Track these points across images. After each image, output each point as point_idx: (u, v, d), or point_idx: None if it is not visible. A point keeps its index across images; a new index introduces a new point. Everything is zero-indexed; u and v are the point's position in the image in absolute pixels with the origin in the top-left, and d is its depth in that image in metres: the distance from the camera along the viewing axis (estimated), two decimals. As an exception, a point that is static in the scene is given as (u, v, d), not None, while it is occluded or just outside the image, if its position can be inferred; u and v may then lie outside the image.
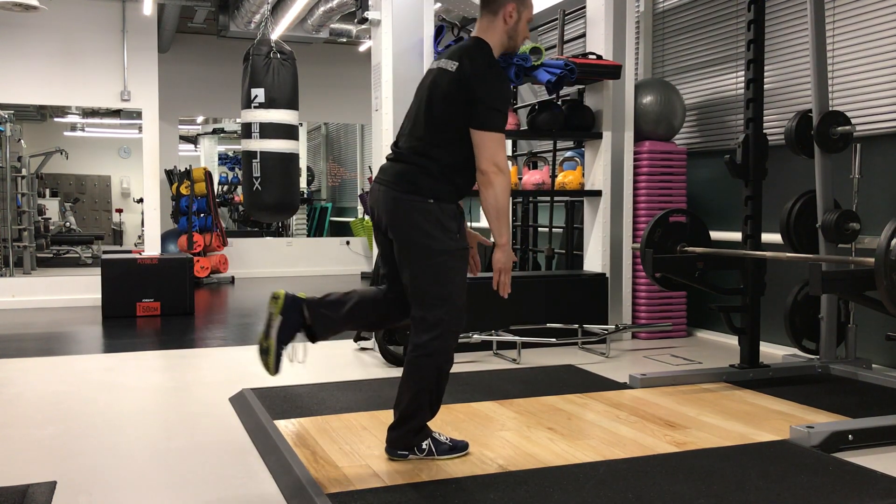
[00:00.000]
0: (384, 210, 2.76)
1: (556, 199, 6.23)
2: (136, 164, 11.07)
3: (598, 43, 5.47)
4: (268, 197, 6.84)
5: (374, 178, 2.91)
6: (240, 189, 13.76)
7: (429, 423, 2.86)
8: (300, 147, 10.61)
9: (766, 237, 4.54)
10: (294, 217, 13.11)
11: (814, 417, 3.45)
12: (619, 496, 2.51)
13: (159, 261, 6.97)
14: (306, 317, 2.76)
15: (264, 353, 2.71)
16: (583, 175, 5.62)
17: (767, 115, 4.78)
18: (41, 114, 13.18)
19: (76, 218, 14.28)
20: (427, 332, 2.71)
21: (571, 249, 6.15)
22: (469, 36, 2.91)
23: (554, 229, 6.46)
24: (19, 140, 10.45)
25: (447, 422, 3.33)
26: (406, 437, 2.83)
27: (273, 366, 2.71)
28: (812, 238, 4.40)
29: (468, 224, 2.99)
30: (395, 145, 2.86)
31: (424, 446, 2.83)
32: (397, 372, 4.47)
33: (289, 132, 6.76)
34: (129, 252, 9.74)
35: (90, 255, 11.81)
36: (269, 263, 10.78)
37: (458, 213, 2.78)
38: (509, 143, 6.75)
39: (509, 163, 5.69)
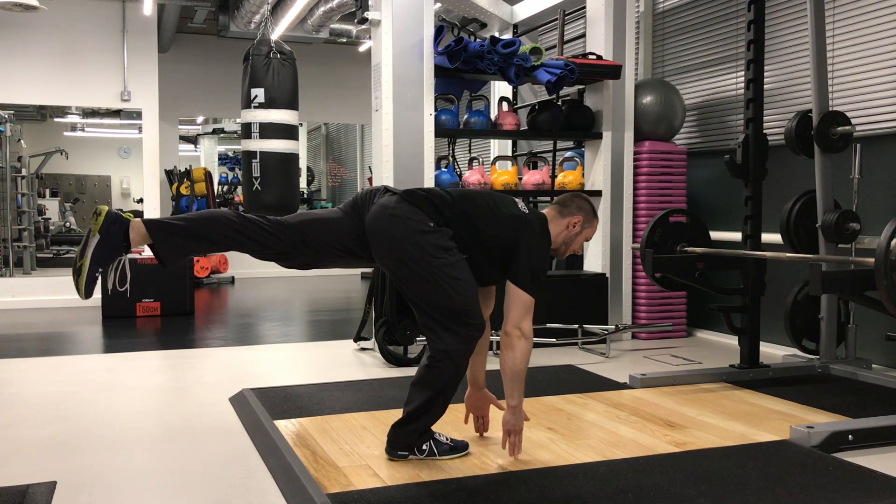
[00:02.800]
0: (376, 216, 2.70)
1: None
2: (136, 164, 11.05)
3: (598, 43, 5.47)
4: (268, 197, 6.83)
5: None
6: (240, 189, 13.75)
7: (429, 424, 2.87)
8: (300, 147, 10.61)
9: (766, 237, 4.54)
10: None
11: (814, 417, 3.45)
12: (619, 496, 2.51)
13: (159, 261, 6.95)
14: (134, 239, 2.60)
15: (77, 273, 2.55)
16: (583, 175, 5.62)
17: (767, 115, 4.78)
18: (41, 114, 13.18)
19: (76, 218, 14.28)
20: (448, 340, 2.69)
21: (571, 249, 6.15)
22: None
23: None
24: (19, 140, 10.45)
25: (447, 422, 3.32)
26: (408, 437, 2.82)
27: (84, 288, 2.54)
28: (812, 238, 4.40)
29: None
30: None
31: (425, 447, 2.83)
32: (397, 372, 4.47)
33: (289, 132, 6.75)
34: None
35: (90, 255, 11.79)
36: (269, 263, 10.70)
37: (452, 237, 2.74)
38: (509, 143, 6.75)
39: (508, 163, 5.70)
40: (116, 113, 12.73)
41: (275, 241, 2.73)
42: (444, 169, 5.29)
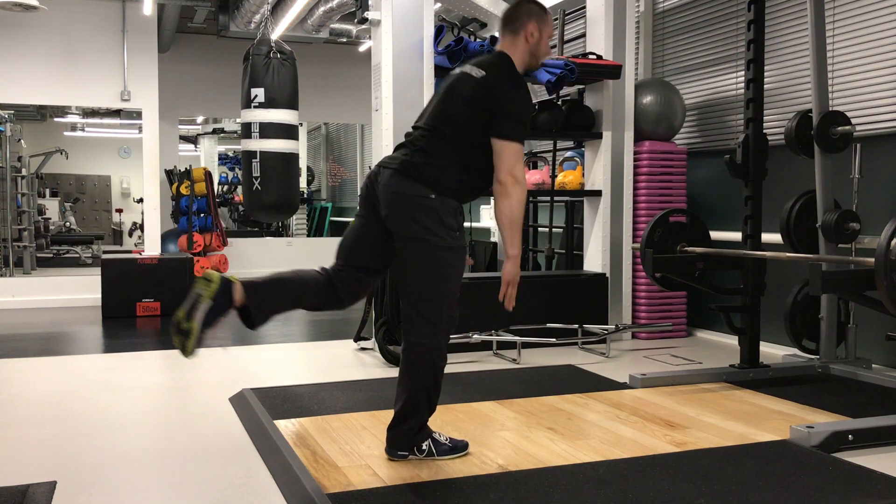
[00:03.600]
0: (385, 198, 2.74)
1: (556, 199, 6.23)
2: (136, 164, 11.07)
3: (598, 43, 5.47)
4: (268, 197, 6.84)
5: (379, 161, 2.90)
6: (240, 189, 13.76)
7: (429, 424, 2.86)
8: (300, 147, 10.61)
9: (766, 237, 4.54)
10: (294, 217, 13.11)
11: (814, 417, 3.45)
12: (619, 496, 2.51)
13: (159, 261, 6.97)
14: (235, 300, 2.66)
15: (184, 334, 2.61)
16: (583, 175, 5.62)
17: (767, 115, 4.78)
18: (41, 114, 13.18)
19: (76, 218, 14.28)
20: (422, 329, 2.71)
21: (571, 249, 6.15)
22: (493, 50, 2.90)
23: (554, 229, 6.46)
24: (19, 140, 10.46)
25: (447, 422, 3.33)
26: (406, 437, 2.83)
27: (192, 349, 2.62)
28: (812, 238, 4.40)
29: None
30: (407, 135, 2.87)
31: (424, 447, 2.83)
32: (397, 372, 4.47)
33: (289, 132, 6.76)
34: (129, 252, 9.75)
35: (90, 255, 11.82)
36: (269, 263, 10.74)
37: (459, 210, 2.77)
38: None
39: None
40: (116, 113, 12.74)
41: (341, 295, 2.83)
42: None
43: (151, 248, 8.03)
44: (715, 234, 4.72)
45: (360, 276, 2.83)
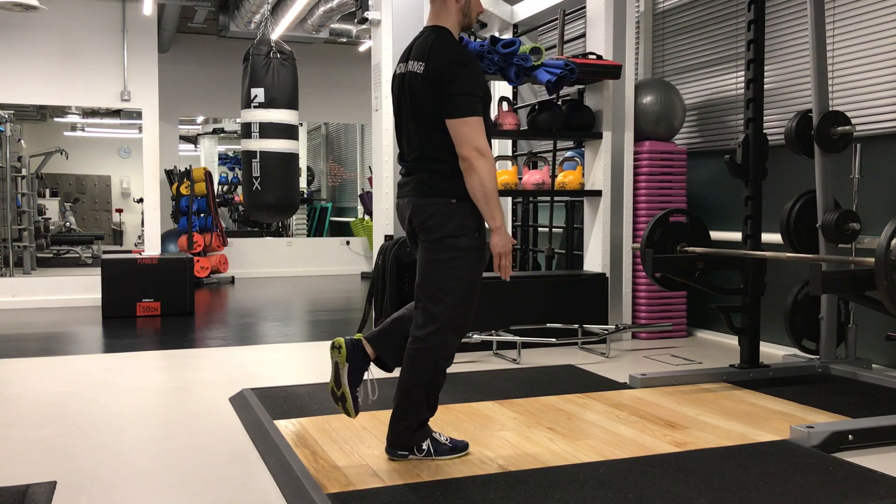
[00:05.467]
0: (412, 216, 2.79)
1: (556, 199, 6.23)
2: (136, 164, 11.08)
3: (598, 43, 5.47)
4: (268, 197, 6.84)
5: (395, 195, 2.94)
6: (240, 189, 13.76)
7: (429, 424, 2.86)
8: (300, 147, 10.61)
9: (766, 237, 4.54)
10: (294, 217, 13.11)
11: (814, 417, 3.45)
12: (619, 496, 2.51)
13: (159, 261, 6.97)
14: (369, 354, 2.83)
15: (341, 400, 2.82)
16: (583, 175, 5.62)
17: (767, 115, 4.78)
18: (41, 114, 13.18)
19: (76, 218, 14.28)
20: (428, 325, 2.72)
21: (571, 249, 6.15)
22: (427, 28, 2.87)
23: (554, 229, 6.46)
24: (19, 140, 10.46)
25: (447, 422, 3.33)
26: (405, 435, 2.83)
27: (353, 410, 2.82)
28: (812, 238, 4.40)
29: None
30: (401, 160, 2.89)
31: (424, 446, 2.83)
32: (397, 372, 4.46)
33: (289, 132, 6.76)
34: (129, 252, 9.74)
35: (90, 255, 11.82)
36: (269, 263, 10.78)
37: (477, 212, 2.76)
38: (509, 143, 6.75)
39: (508, 163, 5.70)
40: (116, 113, 12.74)
41: None
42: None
43: (151, 248, 8.03)
44: (715, 234, 4.72)
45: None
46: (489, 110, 2.85)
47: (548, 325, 5.15)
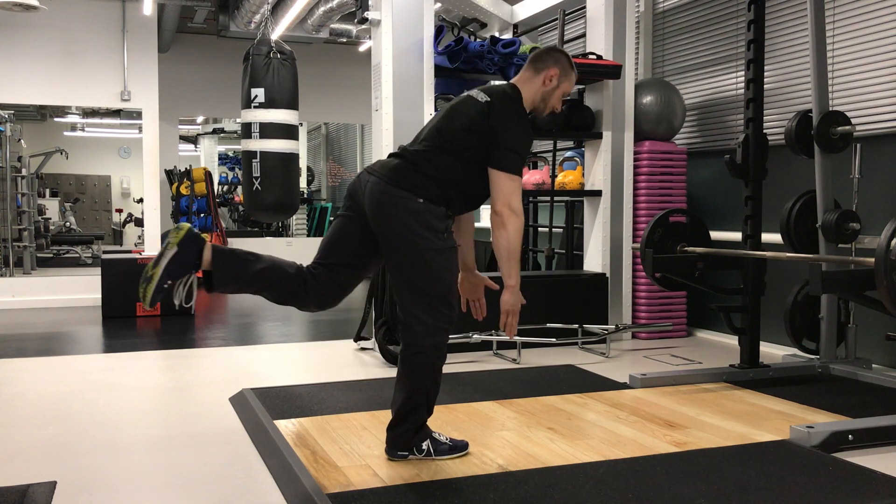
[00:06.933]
0: (369, 200, 2.71)
1: (556, 199, 6.23)
2: (136, 163, 11.06)
3: (598, 43, 5.47)
4: (268, 197, 6.83)
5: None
6: (240, 189, 13.76)
7: (428, 423, 2.86)
8: (300, 147, 10.60)
9: (766, 237, 4.54)
10: (294, 217, 13.10)
11: (814, 417, 3.45)
12: (619, 496, 2.51)
13: (159, 261, 6.95)
14: (204, 259, 2.66)
15: (147, 280, 2.62)
16: (583, 175, 5.62)
17: (767, 115, 4.78)
18: (41, 114, 13.18)
19: (76, 218, 14.28)
20: (418, 329, 2.69)
21: (571, 249, 6.15)
22: (507, 83, 2.90)
23: (554, 229, 6.46)
24: (19, 140, 10.45)
25: (447, 422, 3.33)
26: (405, 437, 2.82)
27: (150, 296, 2.62)
28: (812, 238, 4.40)
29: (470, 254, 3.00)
30: (400, 148, 2.85)
31: (424, 447, 2.83)
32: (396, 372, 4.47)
33: (289, 132, 6.75)
34: (129, 252, 9.74)
35: (90, 255, 11.81)
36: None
37: (446, 215, 2.74)
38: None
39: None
40: (116, 113, 12.73)
41: (319, 294, 2.79)
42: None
43: (151, 248, 8.03)
44: (715, 234, 4.72)
45: (334, 275, 2.77)
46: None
47: (548, 324, 5.15)
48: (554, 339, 5.05)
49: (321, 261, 2.80)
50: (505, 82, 2.95)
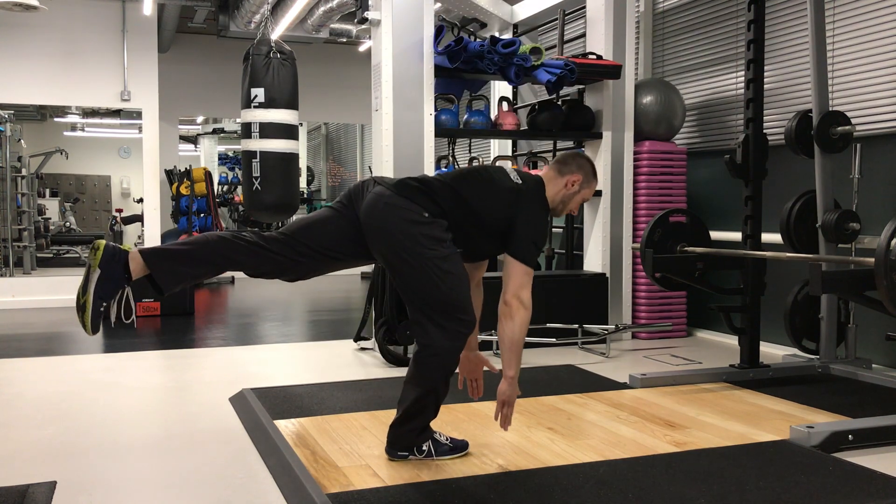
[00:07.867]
0: (370, 207, 2.67)
1: (556, 199, 6.22)
2: (136, 163, 11.05)
3: (598, 43, 5.47)
4: (267, 197, 6.82)
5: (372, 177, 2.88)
6: (240, 189, 13.75)
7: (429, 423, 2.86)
8: (300, 147, 10.60)
9: (766, 237, 4.54)
10: (294, 217, 13.09)
11: (814, 417, 3.45)
12: (619, 496, 2.51)
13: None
14: (134, 269, 2.57)
15: (81, 309, 2.54)
16: (583, 175, 5.62)
17: (767, 115, 4.78)
18: (41, 114, 13.17)
19: (76, 218, 14.28)
20: (433, 332, 2.66)
21: (571, 249, 6.15)
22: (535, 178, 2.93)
23: (554, 229, 6.46)
24: (19, 140, 10.45)
25: (447, 422, 3.33)
26: (408, 437, 2.82)
27: (90, 324, 2.55)
28: (812, 238, 4.40)
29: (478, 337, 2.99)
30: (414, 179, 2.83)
31: (425, 447, 2.83)
32: (397, 372, 4.47)
33: (289, 132, 6.75)
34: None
35: (90, 255, 11.79)
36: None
37: (446, 227, 2.71)
38: (509, 143, 6.75)
39: (508, 163, 5.69)
40: (116, 113, 12.73)
41: (269, 256, 2.69)
42: (444, 169, 5.29)
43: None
44: (715, 234, 4.72)
45: (296, 255, 2.70)
46: None
47: (548, 324, 5.15)
48: (554, 339, 5.05)
49: (285, 231, 2.74)
50: (534, 173, 2.98)
